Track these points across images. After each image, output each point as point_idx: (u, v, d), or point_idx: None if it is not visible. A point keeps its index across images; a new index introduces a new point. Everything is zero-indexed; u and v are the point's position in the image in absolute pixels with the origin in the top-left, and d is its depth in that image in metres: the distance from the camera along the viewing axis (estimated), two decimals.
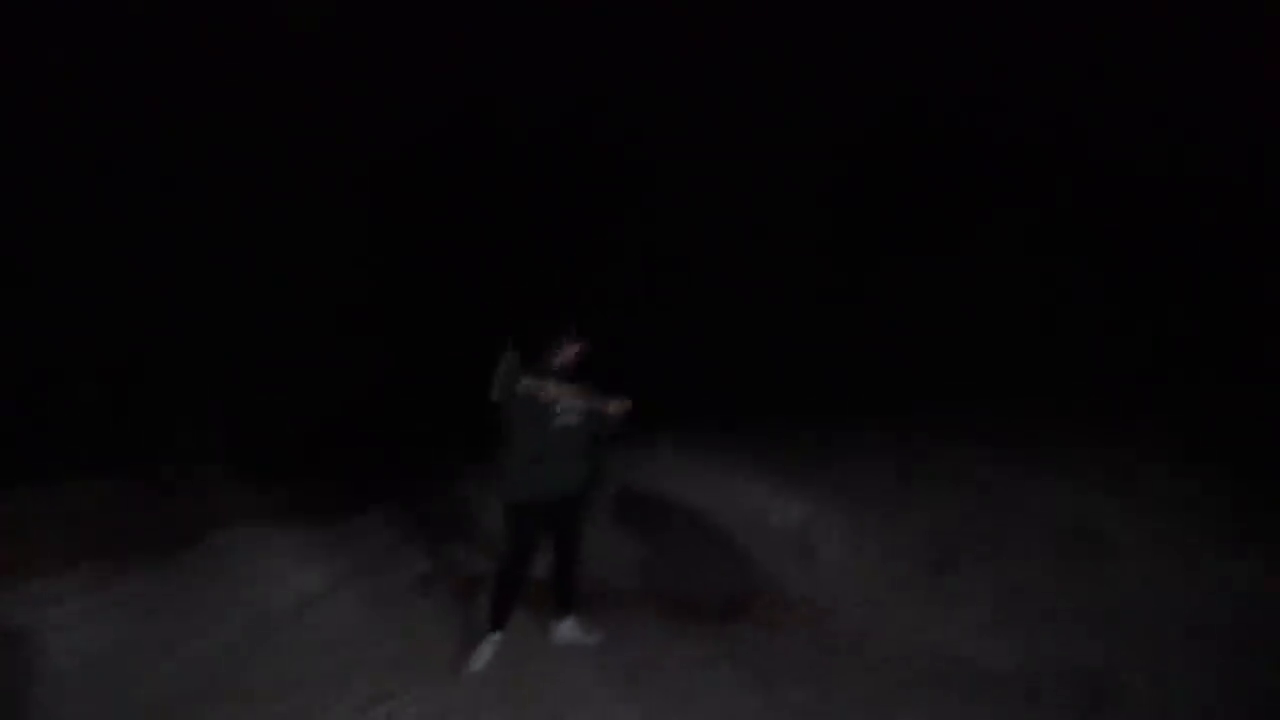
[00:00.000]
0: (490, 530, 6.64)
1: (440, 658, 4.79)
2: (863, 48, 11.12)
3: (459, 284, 11.02)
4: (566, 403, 4.56)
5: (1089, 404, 8.04)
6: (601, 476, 5.71)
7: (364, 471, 8.49)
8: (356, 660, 4.86)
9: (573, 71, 11.38)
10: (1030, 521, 5.89)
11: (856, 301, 11.10)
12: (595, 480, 4.97)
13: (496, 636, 4.70)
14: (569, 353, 4.69)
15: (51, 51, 8.36)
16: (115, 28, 8.49)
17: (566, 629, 4.91)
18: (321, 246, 9.95)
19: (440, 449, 9.00)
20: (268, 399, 9.15)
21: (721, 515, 6.48)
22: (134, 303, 9.14)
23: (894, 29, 11.05)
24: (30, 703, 4.76)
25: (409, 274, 10.87)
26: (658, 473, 7.35)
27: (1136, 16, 9.81)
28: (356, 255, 10.35)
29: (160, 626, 5.60)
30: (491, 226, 11.30)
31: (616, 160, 11.82)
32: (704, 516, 6.41)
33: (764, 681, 4.30)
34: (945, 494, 6.45)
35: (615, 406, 4.63)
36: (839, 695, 4.14)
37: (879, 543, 5.85)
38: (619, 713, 4.09)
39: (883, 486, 6.73)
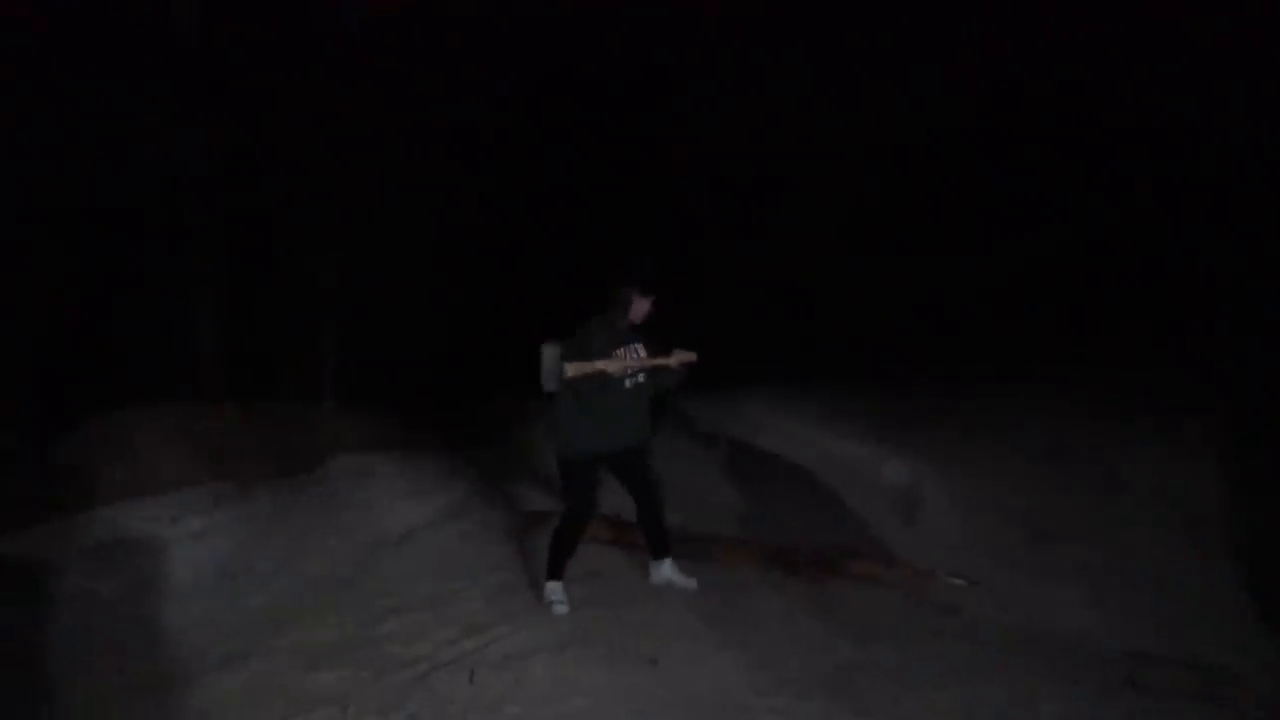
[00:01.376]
0: None
1: (535, 595, 4.92)
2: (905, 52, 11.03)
3: (554, 234, 11.18)
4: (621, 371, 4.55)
5: (1201, 381, 7.74)
6: (661, 422, 5.64)
7: (468, 410, 8.72)
8: (454, 591, 5.02)
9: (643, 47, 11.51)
10: (1138, 499, 5.71)
11: (961, 270, 10.89)
12: (655, 427, 4.96)
13: (557, 585, 4.74)
14: (640, 308, 4.66)
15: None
16: None
17: (666, 569, 4.97)
18: (423, 193, 10.19)
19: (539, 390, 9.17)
20: (376, 339, 9.44)
21: (825, 471, 6.47)
22: (255, 248, 9.53)
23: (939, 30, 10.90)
24: (152, 610, 5.07)
25: (508, 222, 11.06)
26: (762, 428, 7.37)
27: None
28: (456, 200, 10.56)
29: (273, 546, 5.90)
30: (579, 181, 11.44)
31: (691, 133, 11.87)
32: (807, 471, 6.40)
33: (855, 637, 4.29)
34: (1051, 466, 6.30)
35: (678, 358, 4.59)
36: (929, 658, 4.10)
37: (981, 510, 5.76)
38: (709, 658, 4.14)
39: (988, 455, 6.61)
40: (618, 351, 4.59)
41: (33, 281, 8.77)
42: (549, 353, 4.61)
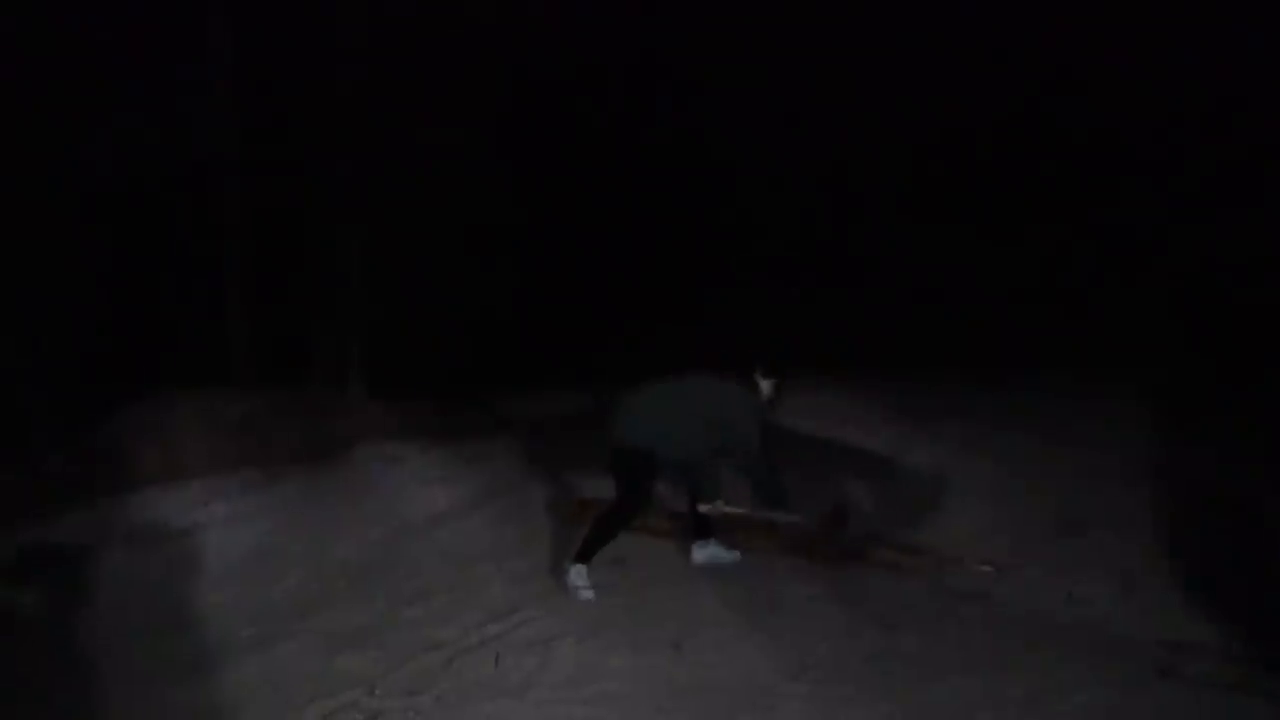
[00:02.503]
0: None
1: (559, 580, 4.93)
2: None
3: (588, 223, 11.18)
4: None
5: (1235, 371, 7.64)
6: None
7: (496, 397, 8.75)
8: (482, 577, 5.06)
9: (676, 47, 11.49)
10: (1171, 488, 5.62)
11: (990, 261, 10.81)
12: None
13: (584, 569, 4.73)
14: (776, 389, 4.93)
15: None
16: None
17: (712, 546, 5.04)
18: (455, 181, 10.22)
19: (570, 377, 9.23)
20: (402, 323, 9.49)
21: (855, 456, 6.43)
22: (286, 236, 9.60)
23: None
24: (183, 593, 5.14)
25: (539, 211, 11.07)
26: (792, 410, 7.33)
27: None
28: (488, 189, 10.59)
29: (303, 532, 5.96)
30: (613, 170, 11.43)
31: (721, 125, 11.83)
32: (838, 455, 6.37)
33: (881, 625, 4.26)
34: (1084, 457, 6.21)
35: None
36: (955, 647, 4.06)
37: (1012, 500, 5.68)
38: (733, 644, 4.13)
39: (1020, 444, 6.53)
40: None
41: (68, 268, 8.88)
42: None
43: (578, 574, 4.70)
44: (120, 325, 9.18)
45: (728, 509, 5.00)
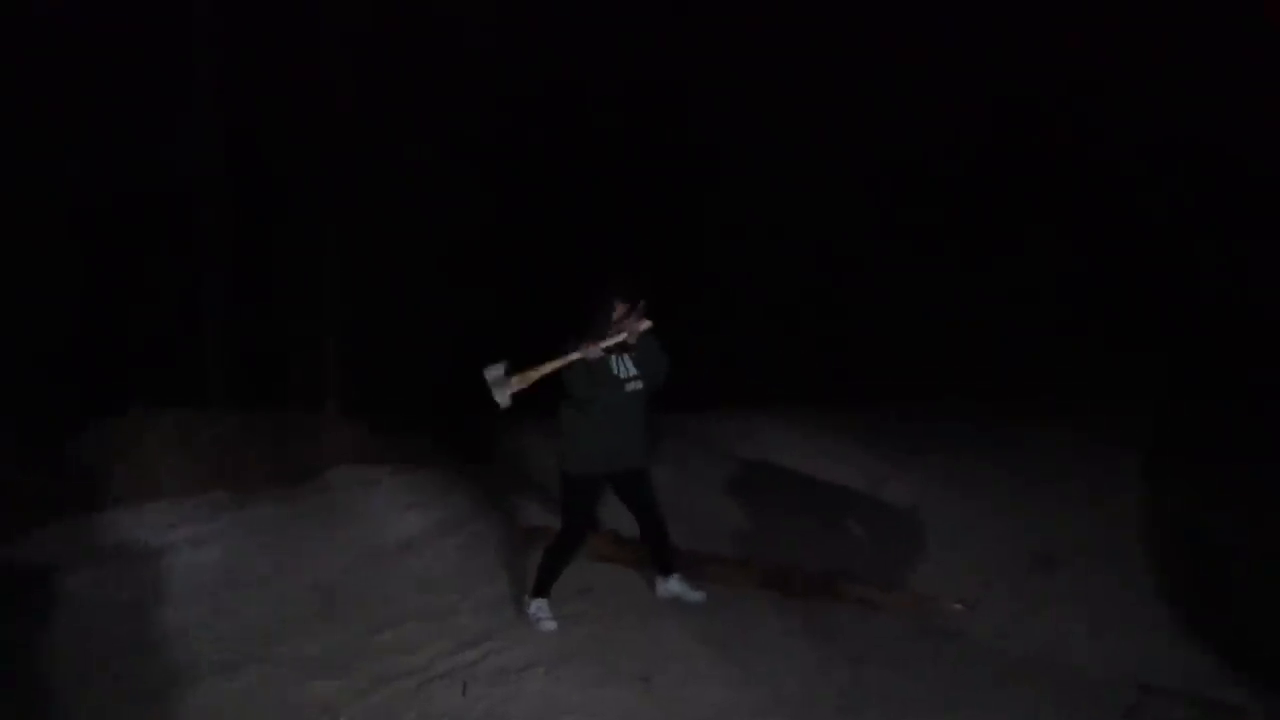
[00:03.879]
0: None
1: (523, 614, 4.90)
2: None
3: (560, 240, 11.18)
4: (583, 357, 4.46)
5: (1209, 412, 7.72)
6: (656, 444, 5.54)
7: (470, 422, 8.71)
8: (452, 605, 5.02)
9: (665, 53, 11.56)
10: (1142, 528, 5.67)
11: (958, 293, 10.91)
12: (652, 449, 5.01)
13: (544, 603, 4.73)
14: (621, 315, 4.54)
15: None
16: None
17: (674, 584, 4.97)
18: (432, 200, 10.21)
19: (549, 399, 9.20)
20: (379, 348, 9.44)
21: (826, 492, 6.45)
22: (261, 249, 9.56)
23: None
24: (151, 616, 5.06)
25: (514, 228, 11.07)
26: (764, 447, 7.36)
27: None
28: (465, 208, 10.59)
29: (272, 555, 5.88)
30: (588, 190, 11.44)
31: (705, 144, 11.89)
32: (809, 491, 6.40)
33: (851, 661, 4.26)
34: (1054, 492, 6.28)
35: (631, 326, 4.49)
36: (927, 683, 4.07)
37: (982, 534, 5.72)
38: (703, 678, 4.12)
39: (990, 479, 6.59)
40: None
41: (39, 281, 8.79)
42: (492, 373, 4.55)
43: (538, 607, 4.71)
44: (92, 341, 9.08)
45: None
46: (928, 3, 11.22)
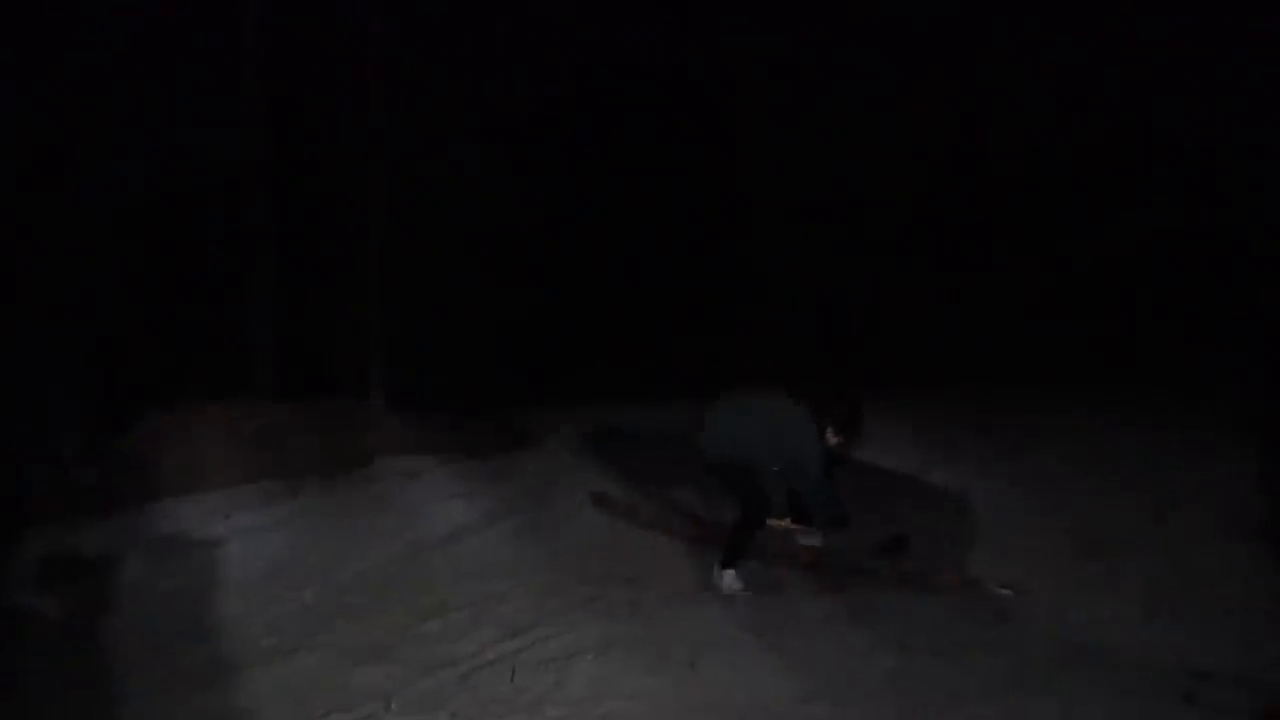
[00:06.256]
0: (637, 473, 6.81)
1: (579, 596, 4.94)
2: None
3: (605, 230, 11.20)
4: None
5: (1258, 391, 7.56)
6: None
7: (514, 411, 8.76)
8: (500, 593, 5.06)
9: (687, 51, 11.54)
10: (1193, 512, 5.56)
11: (1012, 280, 10.79)
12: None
13: (732, 573, 4.96)
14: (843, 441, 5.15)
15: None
16: None
17: (729, 578, 5.00)
18: (477, 190, 10.26)
19: (591, 392, 9.26)
20: (424, 337, 9.51)
21: (876, 475, 6.40)
22: (309, 241, 9.66)
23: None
24: (203, 604, 5.17)
25: (560, 217, 11.10)
26: None
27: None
28: (513, 201, 10.63)
29: (322, 545, 5.98)
30: (631, 187, 11.45)
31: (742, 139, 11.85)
32: (858, 477, 6.35)
33: (898, 645, 4.23)
34: (1103, 477, 6.17)
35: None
36: (974, 669, 4.02)
37: (1033, 519, 5.65)
38: (748, 664, 4.12)
39: (1041, 463, 6.50)
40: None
41: (93, 277, 8.97)
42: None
43: (730, 578, 4.92)
44: (146, 334, 9.25)
45: (791, 525, 5.11)
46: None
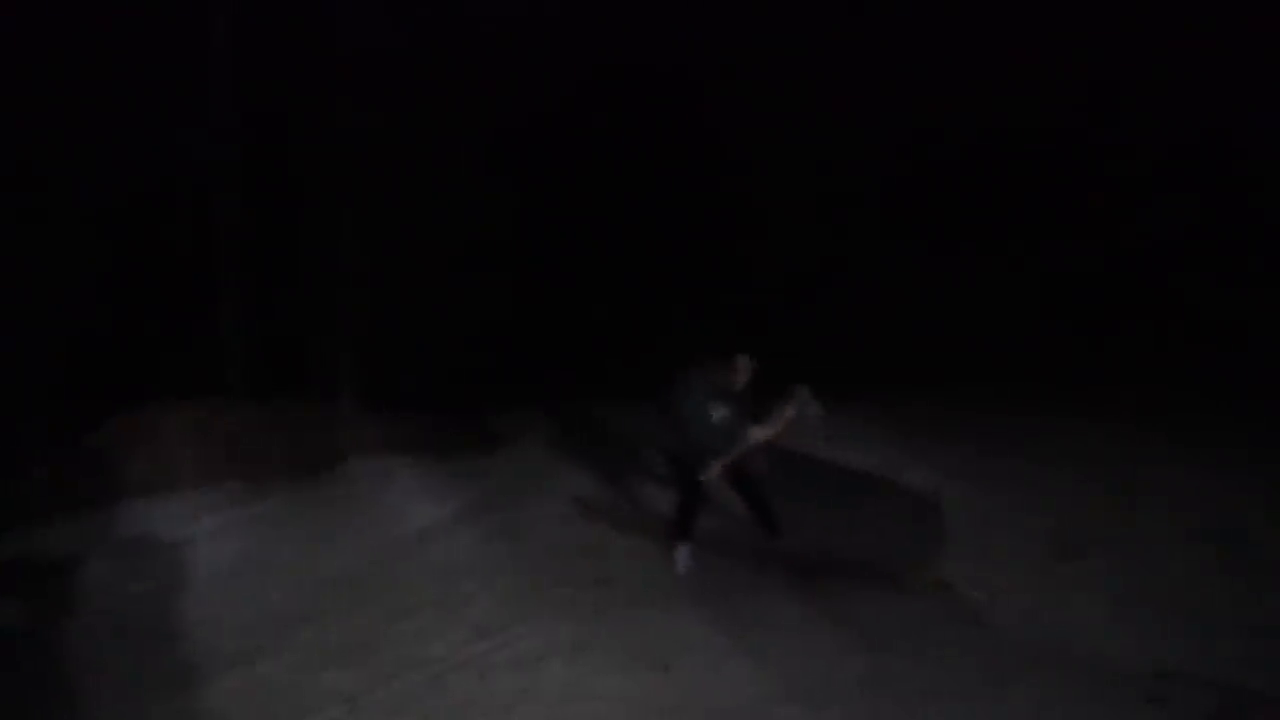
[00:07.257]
0: (610, 473, 6.80)
1: (551, 597, 4.90)
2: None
3: (581, 228, 11.17)
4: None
5: (1234, 393, 7.65)
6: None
7: (487, 411, 8.72)
8: (469, 593, 5.02)
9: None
10: (1165, 514, 5.61)
11: (979, 281, 10.86)
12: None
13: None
14: (743, 374, 5.17)
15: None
16: None
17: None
18: (449, 189, 10.20)
19: (561, 390, 9.24)
20: (396, 337, 9.45)
21: (849, 478, 6.41)
22: (279, 241, 9.57)
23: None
24: (168, 606, 5.10)
25: (534, 216, 11.05)
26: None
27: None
28: (487, 200, 10.57)
29: (291, 546, 5.91)
30: (613, 182, 11.42)
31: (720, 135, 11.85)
32: (832, 477, 6.38)
33: (872, 648, 4.23)
34: (1076, 479, 6.22)
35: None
36: (946, 670, 4.04)
37: (1004, 521, 5.68)
38: (722, 665, 4.11)
39: (1012, 466, 6.53)
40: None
41: (58, 274, 8.83)
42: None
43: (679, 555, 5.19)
44: (111, 332, 9.12)
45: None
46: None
